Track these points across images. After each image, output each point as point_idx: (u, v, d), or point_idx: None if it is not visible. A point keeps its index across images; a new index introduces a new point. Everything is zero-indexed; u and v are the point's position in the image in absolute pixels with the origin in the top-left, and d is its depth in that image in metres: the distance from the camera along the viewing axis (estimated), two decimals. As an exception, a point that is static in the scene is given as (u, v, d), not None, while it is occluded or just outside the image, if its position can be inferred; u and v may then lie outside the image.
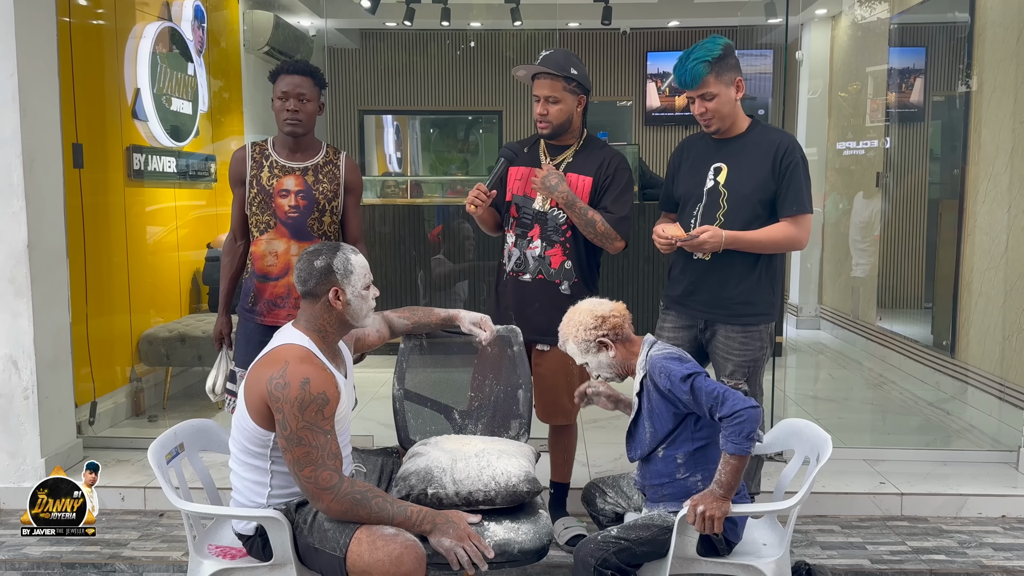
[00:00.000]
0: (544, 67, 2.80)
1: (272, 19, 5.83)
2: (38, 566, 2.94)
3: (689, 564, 2.25)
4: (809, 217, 2.69)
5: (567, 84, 2.80)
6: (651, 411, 2.31)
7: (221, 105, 5.45)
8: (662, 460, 2.32)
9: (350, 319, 2.24)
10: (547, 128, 2.85)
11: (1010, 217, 4.12)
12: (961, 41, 4.70)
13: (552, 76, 2.79)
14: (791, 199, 2.65)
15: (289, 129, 2.86)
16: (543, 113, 2.82)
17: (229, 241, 3.03)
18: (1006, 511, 3.33)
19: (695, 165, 2.80)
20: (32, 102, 3.38)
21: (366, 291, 2.24)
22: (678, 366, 2.22)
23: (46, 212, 3.47)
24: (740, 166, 2.69)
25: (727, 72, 2.65)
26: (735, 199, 2.68)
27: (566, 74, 2.79)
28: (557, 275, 2.86)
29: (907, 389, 4.95)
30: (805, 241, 2.72)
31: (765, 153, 2.67)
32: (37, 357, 3.40)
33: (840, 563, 2.92)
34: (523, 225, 2.89)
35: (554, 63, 2.80)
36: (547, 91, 2.80)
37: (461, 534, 2.10)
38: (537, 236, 2.87)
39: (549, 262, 2.86)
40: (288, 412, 2.04)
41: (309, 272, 2.19)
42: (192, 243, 5.07)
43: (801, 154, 2.69)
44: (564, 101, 2.81)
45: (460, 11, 7.16)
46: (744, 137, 2.72)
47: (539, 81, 2.82)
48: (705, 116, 2.68)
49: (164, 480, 2.20)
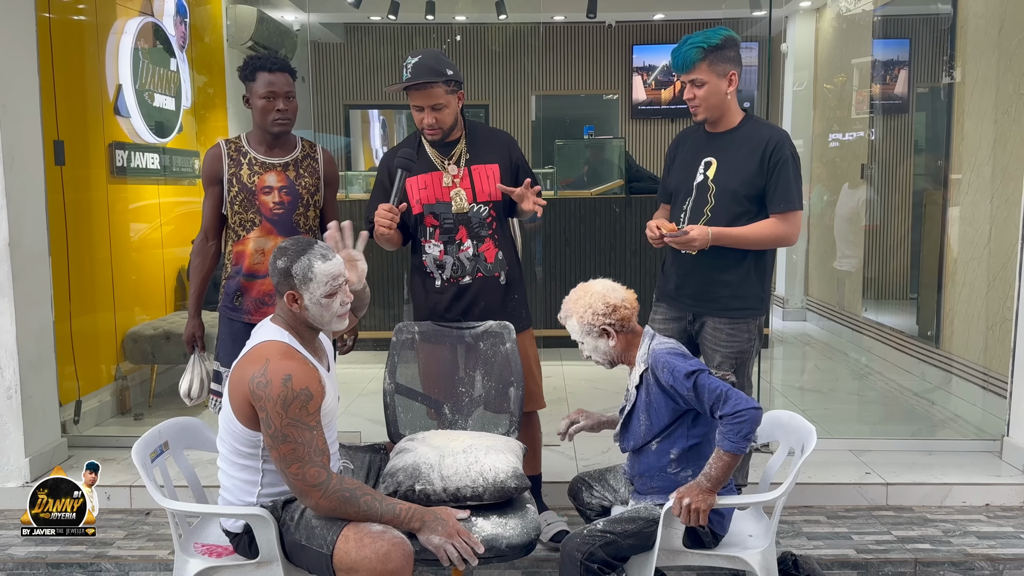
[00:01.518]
0: (420, 79, 2.67)
1: (255, 14, 5.78)
2: (23, 566, 2.91)
3: (676, 556, 2.26)
4: (799, 214, 2.67)
5: (446, 87, 2.70)
6: (649, 404, 2.31)
7: (205, 101, 5.41)
8: (655, 453, 2.33)
9: (312, 322, 2.18)
10: (438, 135, 2.76)
11: (993, 208, 4.15)
12: (944, 33, 4.72)
13: (431, 84, 2.67)
14: (779, 195, 2.64)
15: (279, 129, 2.83)
16: (431, 122, 2.72)
17: (200, 241, 2.96)
18: (990, 500, 3.36)
19: (687, 158, 2.80)
20: (12, 98, 3.35)
21: (328, 299, 2.14)
22: (682, 362, 2.22)
23: (27, 210, 3.44)
24: (729, 161, 2.68)
25: (721, 63, 2.63)
26: (723, 194, 2.67)
27: (444, 77, 2.69)
28: (495, 268, 2.83)
29: (892, 379, 4.98)
30: (795, 238, 2.70)
31: (754, 148, 2.66)
32: (20, 356, 3.37)
33: (826, 553, 2.94)
34: (447, 231, 2.81)
35: (428, 71, 2.67)
36: (430, 100, 2.69)
37: (450, 531, 2.10)
38: (466, 237, 2.81)
39: (484, 258, 2.82)
40: (271, 410, 2.02)
41: (272, 268, 2.15)
42: (177, 240, 5.03)
43: (792, 150, 2.67)
44: (448, 104, 2.72)
45: (445, 5, 7.13)
46: (735, 132, 2.72)
47: (418, 92, 2.69)
48: (693, 103, 2.68)
49: (149, 479, 2.19)
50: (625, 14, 7.96)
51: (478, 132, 2.89)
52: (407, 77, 2.68)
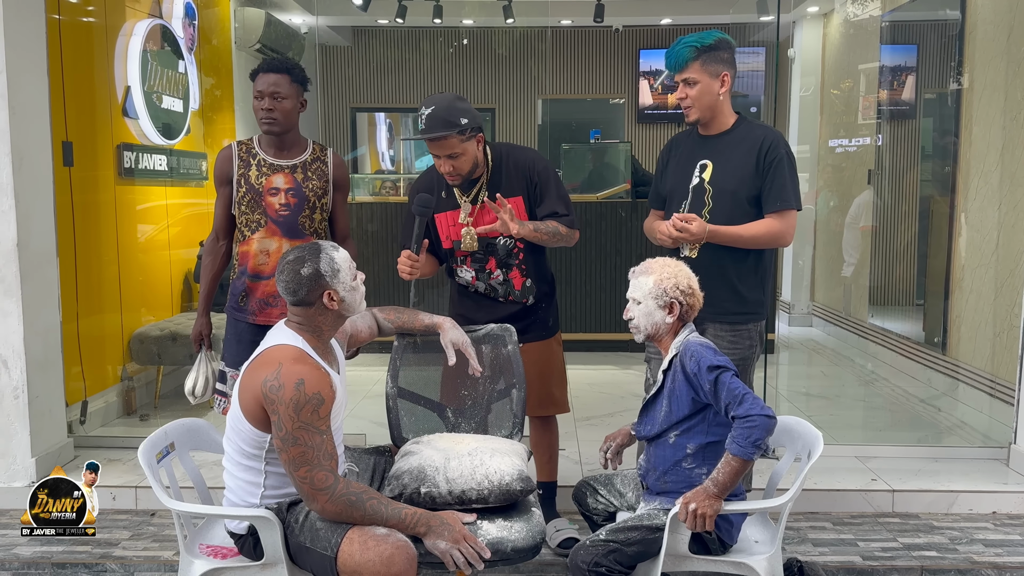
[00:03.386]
0: (433, 132, 2.63)
1: (263, 16, 5.80)
2: (28, 566, 2.92)
3: (682, 562, 2.26)
4: (794, 213, 2.68)
5: (460, 136, 2.65)
6: (672, 391, 2.31)
7: (212, 103, 5.42)
8: (672, 447, 2.32)
9: (346, 312, 2.24)
10: (457, 180, 2.75)
11: (1001, 214, 4.13)
12: (952, 39, 4.71)
13: (444, 137, 2.63)
14: (775, 194, 2.65)
15: (266, 128, 2.86)
16: (448, 171, 2.70)
17: (211, 241, 3.01)
18: (996, 507, 3.34)
19: (682, 162, 2.80)
20: (21, 100, 3.36)
21: (355, 282, 2.23)
22: (711, 355, 2.23)
23: (35, 211, 3.46)
24: (725, 163, 2.69)
25: (714, 64, 2.65)
26: (720, 196, 2.68)
27: (458, 128, 2.63)
28: (523, 295, 2.87)
29: (899, 386, 4.97)
30: (790, 237, 2.71)
31: (749, 149, 2.67)
32: (27, 356, 3.38)
33: (832, 560, 2.93)
34: (478, 260, 2.86)
35: (441, 123, 2.62)
36: (445, 150, 2.66)
37: (456, 536, 2.10)
38: (495, 266, 2.85)
39: (512, 284, 2.86)
40: (283, 413, 2.03)
41: (298, 282, 2.15)
42: (183, 241, 5.05)
43: (786, 149, 2.69)
44: (465, 152, 2.68)
45: (452, 8, 7.15)
46: (729, 134, 2.73)
47: (433, 143, 2.66)
48: (685, 102, 2.70)
49: (154, 480, 2.19)
50: (632, 18, 7.96)
51: (503, 165, 2.83)
52: (421, 128, 2.68)
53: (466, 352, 2.60)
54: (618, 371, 4.53)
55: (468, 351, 2.60)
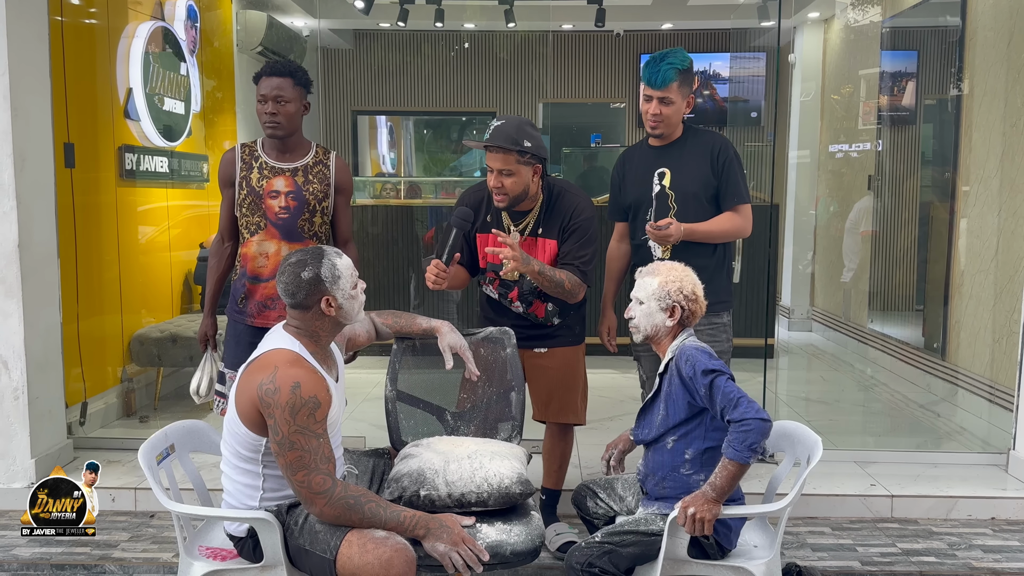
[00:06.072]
0: (494, 142, 2.66)
1: (265, 19, 5.81)
2: (28, 567, 2.92)
3: (680, 566, 2.26)
4: (748, 207, 2.94)
5: (520, 157, 2.68)
6: (669, 395, 2.32)
7: (214, 105, 5.43)
8: (670, 452, 2.32)
9: (343, 320, 2.23)
10: (504, 201, 2.74)
11: (1000, 220, 4.14)
12: (952, 45, 4.72)
13: (504, 150, 2.67)
14: (731, 192, 2.90)
15: (270, 132, 2.86)
16: (497, 186, 2.71)
17: (217, 242, 3.03)
18: (995, 513, 3.34)
19: (639, 173, 2.98)
20: (23, 101, 3.37)
21: (354, 290, 2.23)
22: (706, 359, 2.24)
23: (37, 212, 3.46)
24: (682, 168, 2.91)
25: (686, 86, 2.87)
26: (683, 198, 2.90)
27: (519, 147, 2.66)
28: (547, 319, 2.90)
29: (898, 391, 4.97)
30: (749, 228, 2.95)
31: (702, 154, 2.90)
32: (27, 357, 3.38)
33: (830, 564, 2.93)
34: (505, 286, 2.89)
35: (505, 136, 2.66)
36: (500, 164, 2.68)
37: (455, 539, 2.10)
38: (516, 297, 2.88)
39: (535, 315, 2.90)
40: (279, 417, 2.03)
41: (297, 285, 2.16)
42: (184, 243, 5.05)
43: (733, 151, 2.94)
44: (518, 173, 2.69)
45: (454, 12, 7.16)
46: (680, 142, 2.94)
47: (491, 153, 2.70)
48: (657, 118, 2.86)
49: (154, 481, 2.19)
50: (633, 23, 7.97)
51: (555, 204, 2.83)
52: (486, 137, 2.72)
53: (463, 356, 2.61)
54: (617, 375, 4.53)
55: (465, 355, 2.61)
